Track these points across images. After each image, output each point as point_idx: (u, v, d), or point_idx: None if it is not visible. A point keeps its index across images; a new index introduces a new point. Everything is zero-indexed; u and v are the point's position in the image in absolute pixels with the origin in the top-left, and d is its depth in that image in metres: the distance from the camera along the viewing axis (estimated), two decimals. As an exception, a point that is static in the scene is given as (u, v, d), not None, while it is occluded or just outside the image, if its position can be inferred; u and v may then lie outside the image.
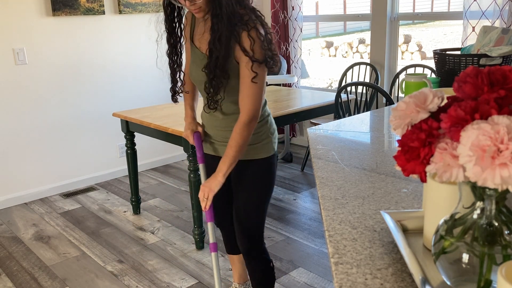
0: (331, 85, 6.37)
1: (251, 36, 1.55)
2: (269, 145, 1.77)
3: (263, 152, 1.75)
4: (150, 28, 4.04)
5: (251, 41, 1.55)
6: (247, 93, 1.60)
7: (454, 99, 0.64)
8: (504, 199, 0.61)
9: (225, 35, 1.54)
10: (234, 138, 1.63)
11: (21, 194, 3.61)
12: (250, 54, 1.55)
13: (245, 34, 1.55)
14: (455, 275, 0.65)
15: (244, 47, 1.56)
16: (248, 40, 1.55)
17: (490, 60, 2.05)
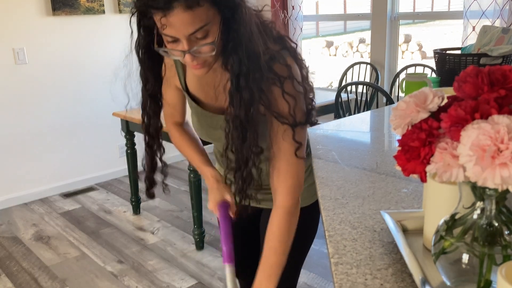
0: (331, 84, 6.37)
1: (287, 93, 1.04)
2: (313, 187, 1.31)
3: (307, 198, 1.31)
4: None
5: (289, 102, 1.05)
6: (289, 170, 1.11)
7: (454, 99, 0.64)
8: (504, 199, 0.61)
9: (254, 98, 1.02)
10: (278, 237, 1.12)
11: (21, 194, 3.61)
12: (290, 120, 1.06)
13: (278, 92, 1.05)
14: (455, 275, 0.65)
15: (280, 113, 1.06)
16: (284, 102, 1.05)
17: (491, 60, 2.05)
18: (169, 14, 0.91)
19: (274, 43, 1.08)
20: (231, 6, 0.96)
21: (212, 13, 0.94)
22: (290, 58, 1.08)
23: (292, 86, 1.05)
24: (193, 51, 0.97)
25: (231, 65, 1.01)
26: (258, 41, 0.99)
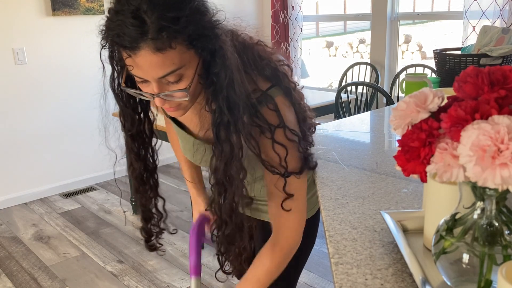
0: (331, 85, 6.37)
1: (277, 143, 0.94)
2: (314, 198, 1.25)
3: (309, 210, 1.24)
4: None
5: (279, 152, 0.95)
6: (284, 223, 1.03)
7: (454, 99, 0.64)
8: (504, 199, 0.61)
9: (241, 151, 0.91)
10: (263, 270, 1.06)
11: (21, 194, 3.61)
12: (281, 170, 0.97)
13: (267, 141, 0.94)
14: (455, 275, 0.65)
15: (270, 164, 0.96)
16: (273, 153, 0.95)
17: (491, 60, 2.05)
18: (135, 55, 0.81)
19: (265, 80, 0.96)
20: (210, 48, 0.85)
21: (187, 56, 0.84)
22: (282, 98, 0.96)
23: (283, 135, 0.94)
24: (164, 95, 0.87)
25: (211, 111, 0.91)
26: (241, 88, 0.87)
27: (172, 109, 0.92)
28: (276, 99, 0.94)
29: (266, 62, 0.97)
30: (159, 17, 0.77)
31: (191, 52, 0.84)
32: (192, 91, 0.88)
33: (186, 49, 0.82)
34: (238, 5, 4.68)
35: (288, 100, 0.97)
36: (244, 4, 4.74)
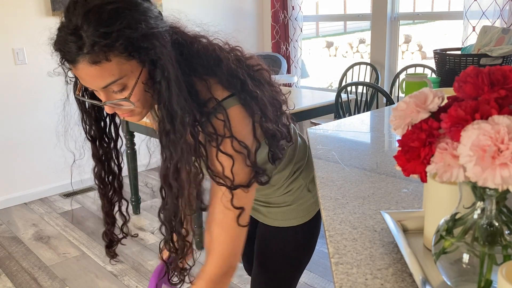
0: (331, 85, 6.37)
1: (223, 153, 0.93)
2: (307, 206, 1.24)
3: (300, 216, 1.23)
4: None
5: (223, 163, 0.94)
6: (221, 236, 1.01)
7: (454, 99, 0.64)
8: (504, 199, 0.61)
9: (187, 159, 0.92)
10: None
11: (21, 194, 3.61)
12: (227, 182, 0.95)
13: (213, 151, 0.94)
14: (456, 275, 0.65)
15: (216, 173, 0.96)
16: (217, 162, 0.94)
17: (491, 60, 2.05)
18: (76, 68, 0.86)
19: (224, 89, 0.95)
20: (150, 59, 0.87)
21: (128, 67, 0.87)
22: (237, 109, 0.94)
23: (230, 146, 0.93)
24: (111, 103, 0.91)
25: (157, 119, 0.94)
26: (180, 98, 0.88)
27: (126, 115, 0.96)
28: (229, 109, 0.94)
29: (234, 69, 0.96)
30: (93, 33, 0.81)
31: (132, 63, 0.87)
32: (138, 99, 0.91)
33: (126, 61, 0.86)
34: (238, 5, 4.68)
35: (246, 111, 0.96)
36: (244, 4, 4.74)
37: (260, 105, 0.98)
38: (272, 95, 1.05)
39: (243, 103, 0.95)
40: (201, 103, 0.92)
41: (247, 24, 4.80)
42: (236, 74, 0.96)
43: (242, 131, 0.95)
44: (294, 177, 1.22)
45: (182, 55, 0.92)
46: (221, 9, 4.55)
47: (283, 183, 1.21)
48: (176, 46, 0.91)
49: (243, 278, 2.46)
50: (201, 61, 0.94)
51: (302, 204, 1.24)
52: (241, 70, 0.97)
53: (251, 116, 0.96)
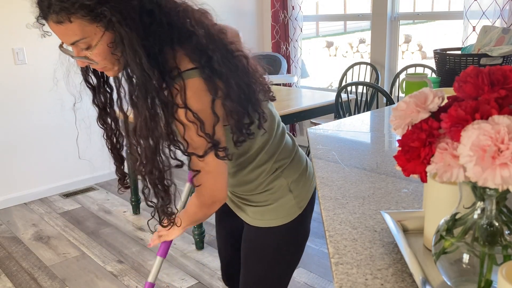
0: (331, 85, 6.37)
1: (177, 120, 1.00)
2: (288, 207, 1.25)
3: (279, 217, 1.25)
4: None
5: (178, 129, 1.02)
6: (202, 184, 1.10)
7: (454, 99, 0.64)
8: (504, 199, 0.61)
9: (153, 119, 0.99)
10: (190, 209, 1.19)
11: (21, 194, 3.61)
12: (182, 148, 1.03)
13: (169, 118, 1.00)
14: (456, 275, 0.65)
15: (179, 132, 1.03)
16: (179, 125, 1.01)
17: (491, 60, 2.05)
18: (48, 24, 1.00)
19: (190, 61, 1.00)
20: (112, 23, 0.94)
21: (91, 29, 0.95)
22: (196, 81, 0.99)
23: (183, 115, 0.98)
24: (79, 58, 1.02)
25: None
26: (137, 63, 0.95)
27: (99, 69, 1.08)
28: (188, 80, 0.98)
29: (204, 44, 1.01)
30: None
31: (94, 26, 0.95)
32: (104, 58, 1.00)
33: (88, 23, 0.95)
34: (238, 5, 4.68)
35: (206, 85, 0.99)
36: (244, 4, 4.74)
37: (225, 84, 1.02)
38: (246, 81, 1.08)
39: (204, 77, 0.99)
40: (166, 71, 0.98)
41: (247, 24, 4.80)
42: (205, 50, 1.00)
43: (196, 102, 0.99)
44: (275, 175, 1.22)
45: (152, 24, 0.97)
46: (221, 9, 4.54)
47: (263, 180, 1.22)
48: (146, 15, 0.97)
49: (243, 278, 2.46)
50: (172, 32, 0.99)
51: (282, 204, 1.24)
52: (212, 47, 1.01)
53: (211, 91, 1.00)
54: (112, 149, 1.25)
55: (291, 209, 1.24)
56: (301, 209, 1.26)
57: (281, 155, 1.24)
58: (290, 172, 1.25)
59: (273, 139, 1.21)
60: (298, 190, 1.25)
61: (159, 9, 0.99)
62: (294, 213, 1.25)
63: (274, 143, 1.21)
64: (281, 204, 1.23)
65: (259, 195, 1.24)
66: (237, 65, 1.06)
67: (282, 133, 1.26)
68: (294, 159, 1.27)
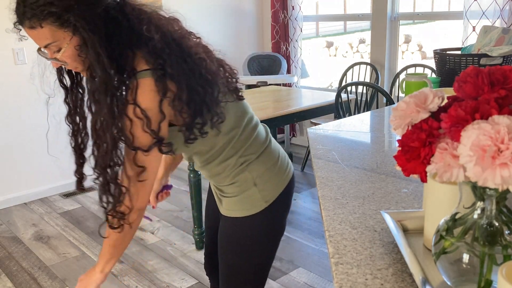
0: (331, 85, 6.37)
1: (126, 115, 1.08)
2: (253, 200, 1.30)
3: (245, 209, 1.30)
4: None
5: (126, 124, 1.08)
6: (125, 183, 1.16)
7: (454, 99, 0.64)
8: (504, 199, 0.61)
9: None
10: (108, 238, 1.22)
11: (21, 194, 3.61)
12: (128, 142, 1.09)
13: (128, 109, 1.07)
14: (456, 275, 0.65)
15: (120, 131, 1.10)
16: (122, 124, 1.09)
17: (491, 60, 2.05)
18: (23, 29, 1.12)
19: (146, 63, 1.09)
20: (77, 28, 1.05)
21: (60, 34, 1.07)
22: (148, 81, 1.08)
23: (132, 111, 1.07)
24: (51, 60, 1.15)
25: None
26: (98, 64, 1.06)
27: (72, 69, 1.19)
28: (140, 80, 1.08)
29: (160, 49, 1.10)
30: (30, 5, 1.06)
31: (63, 31, 1.06)
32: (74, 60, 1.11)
33: (57, 29, 1.06)
34: (238, 5, 4.68)
35: (156, 86, 1.08)
36: (244, 4, 4.74)
37: (177, 86, 1.10)
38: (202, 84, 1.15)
39: (155, 78, 1.08)
40: (125, 71, 1.09)
41: (247, 24, 4.80)
42: (160, 53, 1.09)
43: (145, 100, 1.07)
44: (241, 169, 1.28)
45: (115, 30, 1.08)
46: (221, 9, 4.55)
47: (229, 173, 1.29)
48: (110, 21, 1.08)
49: (243, 278, 2.46)
50: (132, 37, 1.10)
51: (247, 197, 1.29)
52: (168, 52, 1.11)
53: (160, 91, 1.08)
54: (76, 148, 1.30)
55: (256, 202, 1.29)
56: (267, 203, 1.30)
57: (248, 150, 1.29)
58: (255, 167, 1.30)
59: (240, 136, 1.27)
60: (263, 184, 1.30)
61: (123, 16, 1.09)
62: (260, 206, 1.30)
63: (241, 139, 1.27)
64: (246, 196, 1.29)
65: (228, 187, 1.31)
66: (194, 69, 1.14)
67: (252, 129, 1.31)
68: (261, 155, 1.32)
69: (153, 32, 1.10)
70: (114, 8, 1.08)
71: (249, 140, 1.29)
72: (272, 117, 2.84)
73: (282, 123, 2.98)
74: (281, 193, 1.33)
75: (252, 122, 1.32)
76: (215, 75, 1.19)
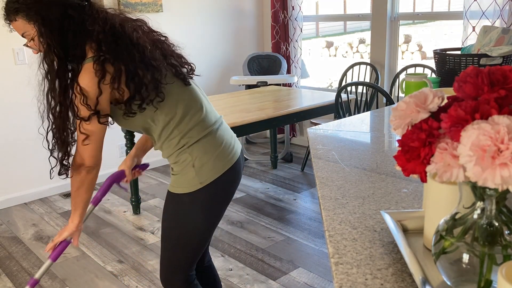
0: (331, 85, 6.37)
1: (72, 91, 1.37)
2: (189, 179, 1.46)
3: (182, 186, 1.48)
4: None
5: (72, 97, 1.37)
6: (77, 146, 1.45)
7: (454, 99, 0.64)
8: (504, 199, 0.61)
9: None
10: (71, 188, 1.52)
11: (21, 194, 3.61)
12: (74, 111, 1.38)
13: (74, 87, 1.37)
14: (455, 275, 0.65)
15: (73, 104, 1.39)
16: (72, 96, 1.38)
17: (491, 60, 2.05)
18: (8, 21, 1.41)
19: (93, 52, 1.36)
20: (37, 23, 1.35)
21: (28, 26, 1.37)
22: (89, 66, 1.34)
23: (76, 88, 1.35)
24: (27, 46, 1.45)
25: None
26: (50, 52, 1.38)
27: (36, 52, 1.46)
28: (84, 64, 1.36)
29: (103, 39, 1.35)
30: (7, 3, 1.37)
31: (30, 24, 1.36)
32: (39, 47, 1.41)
33: (26, 22, 1.36)
34: (238, 5, 4.68)
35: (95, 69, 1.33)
36: (244, 4, 4.74)
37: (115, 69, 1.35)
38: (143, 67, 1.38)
39: (95, 61, 1.34)
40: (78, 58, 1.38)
41: (247, 24, 4.80)
42: (104, 43, 1.35)
43: (84, 80, 1.34)
44: (181, 150, 1.46)
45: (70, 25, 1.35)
46: (221, 9, 4.55)
47: (172, 152, 1.48)
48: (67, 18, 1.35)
49: (243, 278, 2.46)
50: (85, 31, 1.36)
51: (185, 176, 1.47)
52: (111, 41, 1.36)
53: (98, 73, 1.33)
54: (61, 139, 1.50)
55: (192, 181, 1.46)
56: (201, 185, 1.46)
57: (190, 133, 1.47)
58: (195, 150, 1.47)
59: (182, 118, 1.45)
60: (200, 166, 1.46)
61: (79, 15, 1.36)
62: (194, 186, 1.46)
63: (184, 122, 1.46)
64: (184, 175, 1.47)
65: (174, 165, 1.50)
66: (134, 56, 1.37)
67: (197, 114, 1.49)
68: (203, 139, 1.48)
69: (101, 28, 1.36)
70: (74, 8, 1.36)
71: (192, 124, 1.47)
72: (272, 117, 2.84)
73: (282, 123, 2.98)
74: (219, 178, 1.48)
75: (197, 107, 1.49)
76: (158, 62, 1.42)
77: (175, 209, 1.52)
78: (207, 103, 1.55)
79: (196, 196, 1.47)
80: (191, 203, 1.48)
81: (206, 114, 1.51)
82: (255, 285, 2.39)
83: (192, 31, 4.34)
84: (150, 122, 1.46)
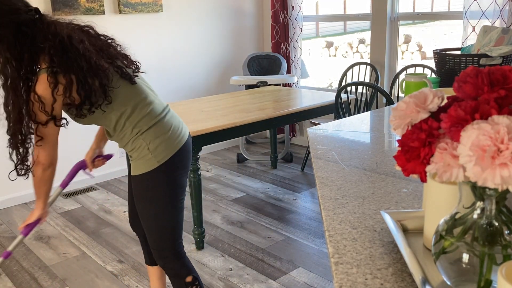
0: (331, 85, 6.37)
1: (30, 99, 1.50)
2: (147, 160, 1.67)
3: (143, 167, 1.68)
4: (150, 27, 4.03)
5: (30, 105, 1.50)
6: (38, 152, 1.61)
7: (454, 99, 0.64)
8: (504, 199, 0.61)
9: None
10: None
11: (21, 194, 3.61)
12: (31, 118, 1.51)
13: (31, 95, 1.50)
14: (455, 275, 0.65)
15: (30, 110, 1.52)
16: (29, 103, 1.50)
17: (490, 60, 2.05)
18: None
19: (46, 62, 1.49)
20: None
21: None
22: (44, 76, 1.47)
23: (33, 96, 1.48)
24: None
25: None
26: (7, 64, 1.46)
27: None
28: (39, 76, 1.49)
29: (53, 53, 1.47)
30: None
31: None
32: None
33: None
34: (238, 5, 4.68)
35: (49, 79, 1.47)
36: (244, 4, 4.74)
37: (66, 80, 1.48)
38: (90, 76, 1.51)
39: (49, 74, 1.47)
40: (33, 69, 1.50)
41: (247, 24, 4.81)
42: (55, 56, 1.47)
43: (39, 89, 1.48)
44: (135, 137, 1.65)
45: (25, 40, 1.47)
46: (221, 9, 4.55)
47: (128, 141, 1.67)
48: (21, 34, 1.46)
49: (243, 278, 2.46)
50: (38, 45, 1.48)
51: (143, 158, 1.67)
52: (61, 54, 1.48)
53: (52, 83, 1.47)
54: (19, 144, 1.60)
55: (150, 162, 1.66)
56: (159, 163, 1.66)
57: (141, 123, 1.65)
58: (147, 136, 1.66)
59: (132, 112, 1.63)
60: (155, 148, 1.66)
61: (32, 30, 1.47)
62: (153, 165, 1.66)
63: (134, 115, 1.63)
64: (143, 157, 1.67)
65: (131, 152, 1.69)
66: (82, 66, 1.50)
67: (145, 107, 1.66)
68: (153, 126, 1.67)
69: (52, 42, 1.47)
70: (26, 25, 1.47)
71: (144, 115, 1.65)
72: (272, 117, 2.84)
73: (282, 123, 2.98)
74: (173, 156, 1.68)
75: (145, 101, 1.67)
76: (104, 69, 1.55)
77: (142, 189, 1.71)
78: (153, 96, 1.73)
79: (157, 172, 1.67)
80: (155, 178, 1.68)
81: (153, 106, 1.69)
82: (255, 285, 2.39)
83: (192, 31, 4.34)
84: (103, 120, 1.63)
